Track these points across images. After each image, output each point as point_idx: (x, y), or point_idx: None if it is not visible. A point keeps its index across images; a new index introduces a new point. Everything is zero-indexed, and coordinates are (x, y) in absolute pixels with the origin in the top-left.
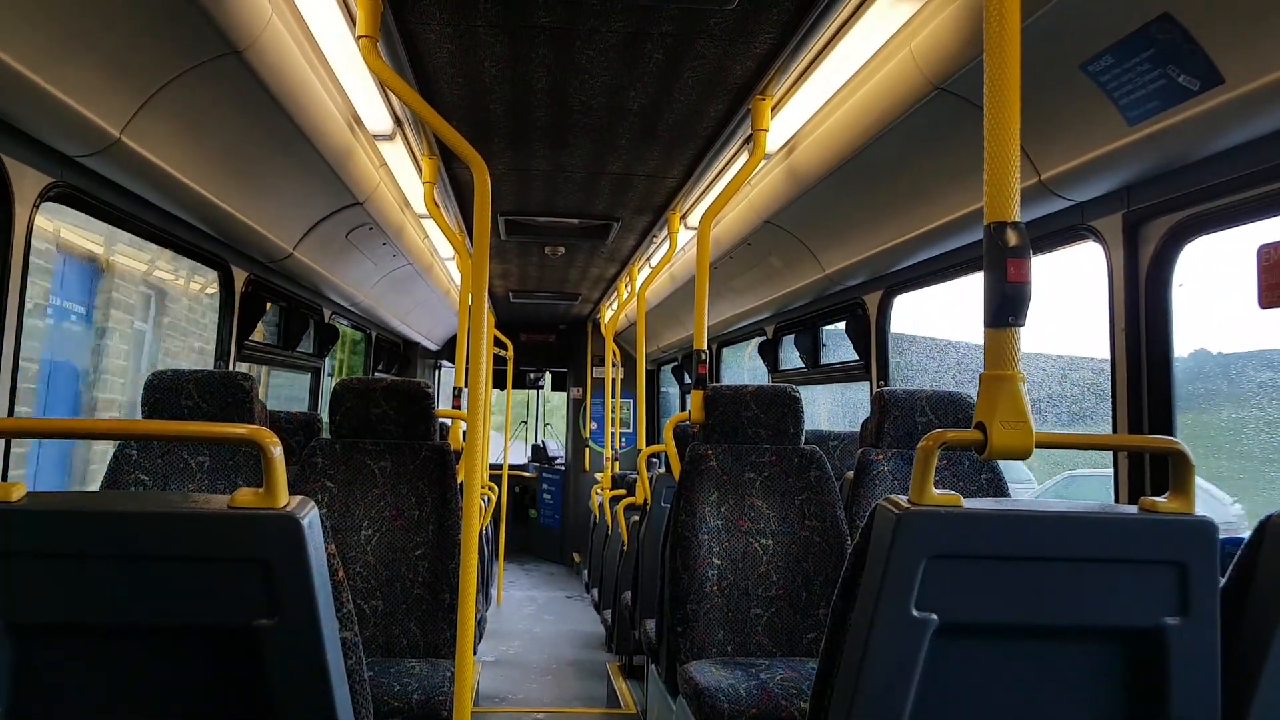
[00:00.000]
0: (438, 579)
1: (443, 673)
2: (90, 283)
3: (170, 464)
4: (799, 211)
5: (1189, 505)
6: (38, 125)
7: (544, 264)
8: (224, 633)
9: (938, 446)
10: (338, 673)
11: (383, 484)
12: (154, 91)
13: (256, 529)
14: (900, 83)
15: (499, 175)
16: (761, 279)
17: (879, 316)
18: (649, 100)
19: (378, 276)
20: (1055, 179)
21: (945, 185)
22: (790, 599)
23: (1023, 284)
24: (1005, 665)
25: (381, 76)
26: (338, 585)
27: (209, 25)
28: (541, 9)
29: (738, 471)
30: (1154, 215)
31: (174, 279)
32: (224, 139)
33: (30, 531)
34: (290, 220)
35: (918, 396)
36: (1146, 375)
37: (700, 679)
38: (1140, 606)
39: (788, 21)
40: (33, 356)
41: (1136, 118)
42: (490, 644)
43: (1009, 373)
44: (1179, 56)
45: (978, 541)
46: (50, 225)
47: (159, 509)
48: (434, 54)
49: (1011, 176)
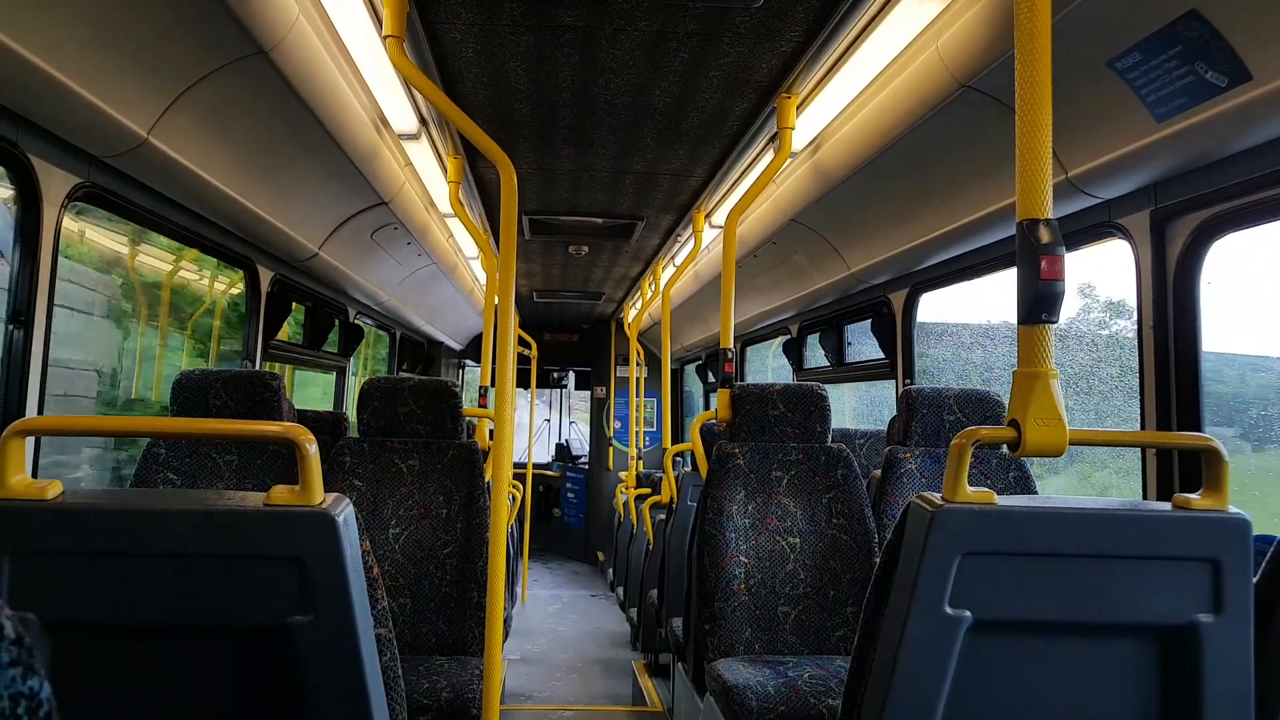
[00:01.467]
0: (465, 577)
1: (471, 670)
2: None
3: (199, 463)
4: (824, 209)
5: (1223, 502)
6: (67, 126)
7: (568, 263)
8: (259, 631)
9: (971, 444)
10: (373, 670)
11: (410, 482)
12: (181, 92)
13: (292, 526)
14: (927, 80)
15: (524, 175)
16: (786, 277)
17: (905, 315)
18: (674, 99)
19: (402, 276)
20: (1082, 176)
21: (971, 183)
22: (818, 597)
23: (1056, 281)
24: (1038, 662)
25: (408, 76)
26: (372, 582)
27: (236, 25)
28: (567, 8)
29: (765, 470)
30: (1181, 212)
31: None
32: (250, 139)
33: (67, 530)
34: (316, 220)
35: (945, 395)
36: (1175, 373)
37: (728, 676)
38: (1174, 603)
39: (814, 19)
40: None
41: (1164, 115)
42: (515, 642)
43: (1042, 369)
44: (1207, 53)
45: (1011, 538)
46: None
47: (196, 507)
48: (459, 53)
49: (1043, 174)
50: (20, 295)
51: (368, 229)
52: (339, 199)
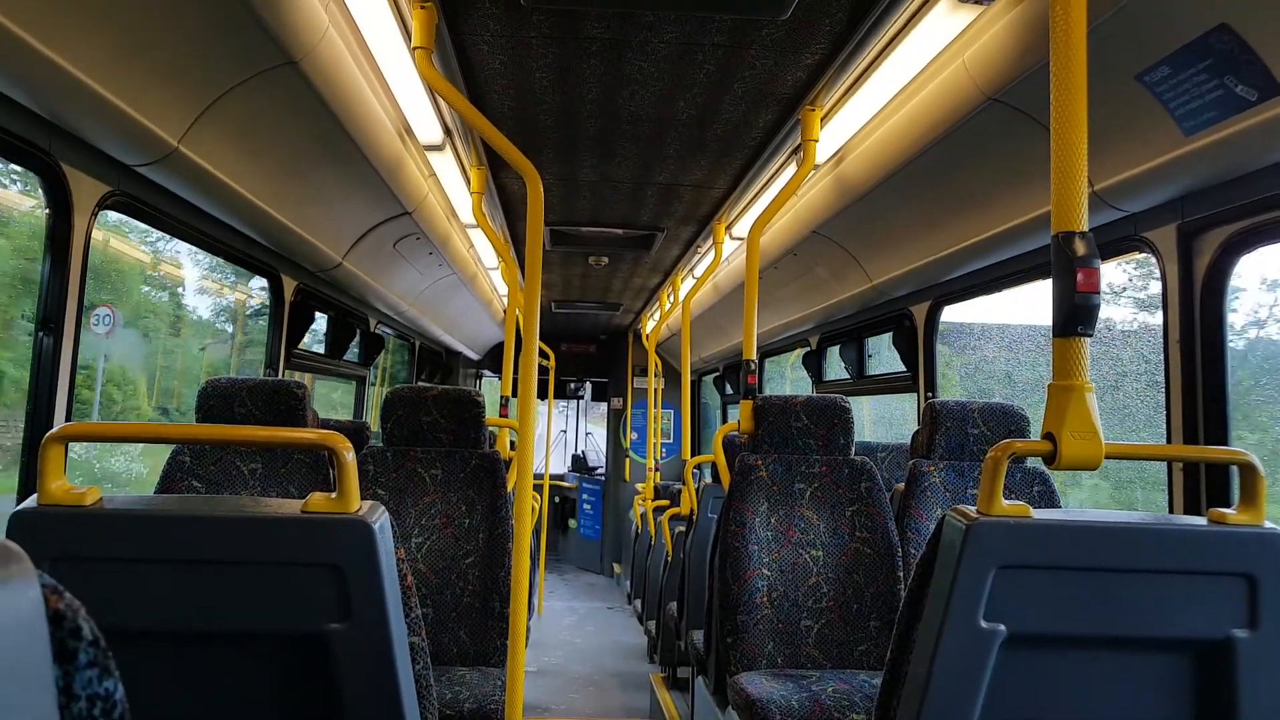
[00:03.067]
0: (488, 587)
1: (493, 681)
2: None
3: (223, 471)
4: (847, 222)
5: (1259, 517)
6: (99, 135)
7: (587, 274)
8: (296, 637)
9: (1007, 457)
10: (406, 677)
11: (433, 492)
12: (211, 101)
13: (330, 534)
14: (952, 93)
15: (546, 185)
16: (807, 289)
17: (927, 327)
18: (698, 111)
19: (423, 286)
20: (1109, 190)
21: (995, 196)
22: (841, 610)
23: (1092, 293)
24: (1072, 676)
25: (437, 88)
26: (406, 590)
27: (266, 35)
28: (594, 20)
29: (788, 482)
30: (1209, 227)
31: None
32: (278, 149)
33: (106, 536)
34: (340, 230)
35: (969, 408)
36: (1202, 387)
37: (751, 690)
38: (1209, 618)
39: (840, 33)
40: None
41: (1193, 128)
42: (532, 654)
43: (1078, 382)
44: (1237, 67)
45: (1047, 552)
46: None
47: (235, 514)
48: (486, 65)
49: (1079, 186)
50: (50, 302)
51: (391, 239)
52: (364, 209)
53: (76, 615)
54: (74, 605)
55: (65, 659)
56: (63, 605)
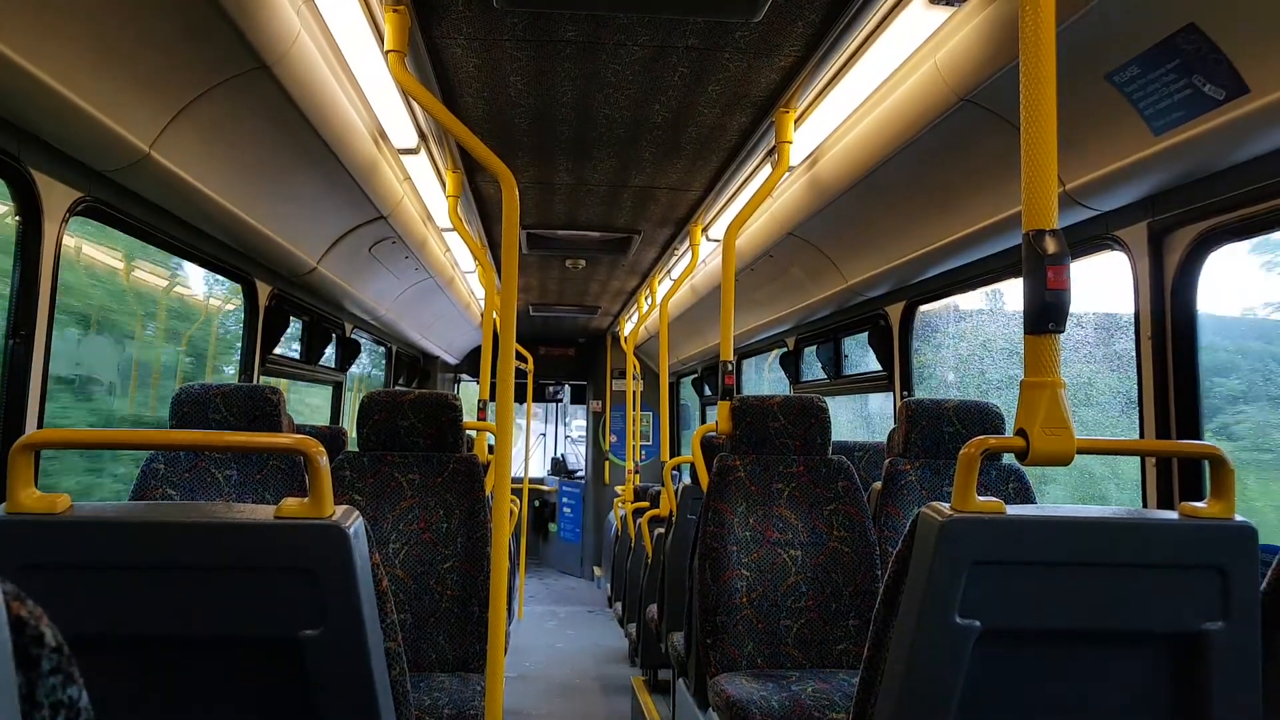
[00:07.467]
0: (467, 591)
1: (472, 687)
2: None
3: (197, 478)
4: (821, 223)
5: (1229, 510)
6: (69, 140)
7: (564, 277)
8: (269, 643)
9: (980, 453)
10: (382, 683)
11: (411, 496)
12: (184, 106)
13: (303, 539)
14: (925, 95)
15: (522, 189)
16: (783, 290)
17: (902, 327)
18: (673, 113)
19: (399, 290)
20: (1080, 189)
21: (968, 196)
22: (820, 610)
23: (1063, 290)
24: (1047, 670)
25: (411, 91)
26: (381, 595)
27: (239, 40)
28: (568, 23)
29: (766, 482)
30: (1179, 225)
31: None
32: (251, 153)
33: (77, 544)
34: (315, 234)
35: (945, 406)
36: (1173, 382)
37: (732, 691)
38: (1181, 611)
39: (813, 35)
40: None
41: (1162, 127)
42: (513, 659)
43: (1050, 379)
44: (1205, 66)
45: (1020, 547)
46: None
47: (206, 519)
48: (460, 68)
49: (1049, 185)
50: (21, 310)
51: (366, 243)
52: (338, 213)
53: (39, 622)
54: (36, 612)
55: (28, 666)
56: (25, 612)
